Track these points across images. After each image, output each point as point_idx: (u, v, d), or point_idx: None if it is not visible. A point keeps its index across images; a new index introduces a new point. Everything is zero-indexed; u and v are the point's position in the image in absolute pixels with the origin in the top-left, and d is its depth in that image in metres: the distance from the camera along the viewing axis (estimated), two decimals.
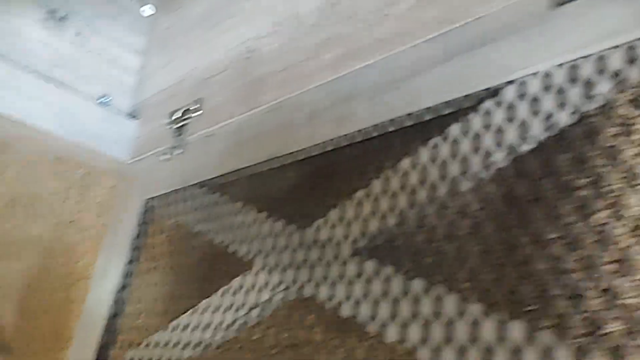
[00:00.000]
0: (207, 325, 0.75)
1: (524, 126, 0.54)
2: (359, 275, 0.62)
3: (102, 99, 1.12)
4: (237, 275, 0.78)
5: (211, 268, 0.84)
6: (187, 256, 0.88)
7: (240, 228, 0.79)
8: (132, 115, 1.14)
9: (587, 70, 0.51)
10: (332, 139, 0.72)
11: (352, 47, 0.76)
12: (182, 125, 1.00)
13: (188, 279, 0.86)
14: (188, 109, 1.00)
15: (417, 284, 0.56)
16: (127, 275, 0.95)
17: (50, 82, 1.03)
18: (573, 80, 0.52)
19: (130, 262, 0.96)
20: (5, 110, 0.94)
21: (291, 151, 0.77)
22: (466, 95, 0.59)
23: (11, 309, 1.71)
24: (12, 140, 1.82)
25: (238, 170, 0.85)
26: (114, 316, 0.92)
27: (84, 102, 1.06)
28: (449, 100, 0.61)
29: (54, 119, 1.01)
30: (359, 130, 0.69)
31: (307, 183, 0.75)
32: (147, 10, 1.24)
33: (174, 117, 1.02)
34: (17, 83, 0.97)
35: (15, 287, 1.72)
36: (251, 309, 0.71)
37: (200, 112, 0.97)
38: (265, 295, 0.70)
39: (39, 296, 1.57)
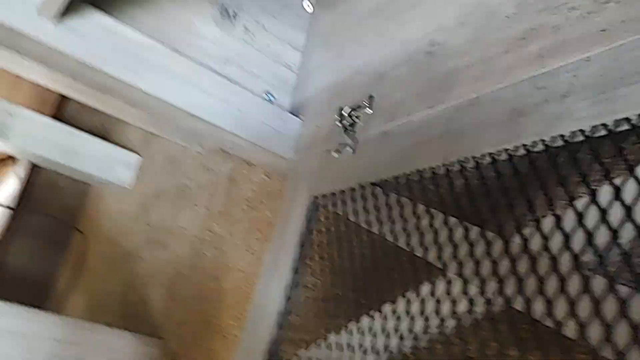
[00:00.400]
0: (393, 331, 0.72)
1: None
2: (585, 292, 0.55)
3: (267, 96, 1.13)
4: (422, 281, 0.74)
5: (388, 272, 0.80)
6: (360, 257, 0.85)
7: (426, 232, 0.75)
8: (294, 112, 1.14)
9: None
10: (542, 140, 0.65)
11: (563, 38, 0.68)
12: (352, 124, 0.97)
13: (362, 282, 0.83)
14: (359, 106, 0.97)
15: None
16: (297, 272, 0.94)
17: (222, 78, 1.05)
18: None
19: (298, 259, 0.95)
20: (186, 106, 0.97)
21: (487, 152, 0.71)
22: None
23: (162, 295, 1.80)
24: (176, 134, 1.93)
25: (420, 170, 0.80)
26: (285, 312, 0.91)
27: (251, 99, 1.07)
28: None
29: (225, 115, 1.02)
30: (578, 131, 0.62)
31: (506, 187, 0.69)
32: (309, 6, 1.24)
33: (342, 115, 0.99)
34: (196, 80, 1.00)
35: (166, 275, 1.81)
36: (447, 318, 0.66)
37: (371, 110, 0.94)
38: (463, 306, 0.65)
39: (189, 285, 1.64)
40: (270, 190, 1.39)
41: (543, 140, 0.66)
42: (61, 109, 2.94)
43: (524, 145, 0.68)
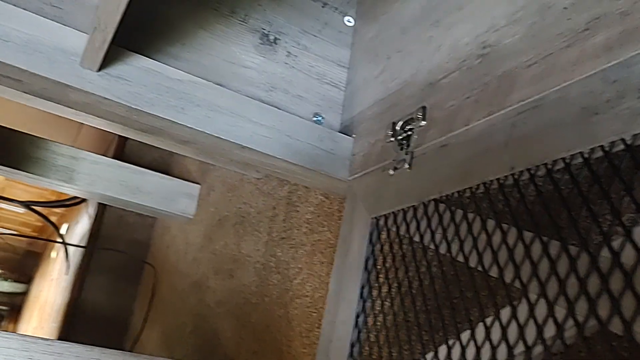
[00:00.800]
0: None
1: None
2: None
3: (315, 118, 1.10)
4: (501, 305, 0.68)
5: (462, 295, 0.75)
6: (430, 280, 0.80)
7: (500, 250, 0.69)
8: (344, 131, 1.11)
9: None
10: (622, 139, 0.59)
11: (632, 25, 0.61)
12: (406, 137, 0.92)
13: (435, 307, 0.78)
14: (411, 119, 0.92)
15: None
16: (364, 299, 0.90)
17: (269, 106, 1.03)
18: None
19: (365, 285, 0.91)
20: (234, 138, 0.95)
21: (559, 157, 0.65)
22: None
23: (232, 325, 1.80)
24: (232, 165, 1.94)
25: (484, 183, 0.75)
26: (357, 342, 0.87)
27: (300, 123, 1.05)
28: None
29: (275, 143, 1.00)
30: None
31: (586, 194, 0.62)
32: (350, 21, 1.21)
33: (395, 129, 0.95)
34: (242, 111, 0.98)
35: (235, 304, 1.81)
36: (533, 344, 0.60)
37: (424, 122, 0.89)
38: (551, 330, 0.59)
39: (258, 313, 1.63)
40: (329, 211, 1.36)
41: (623, 140, 0.59)
42: (122, 148, 3.04)
43: (601, 147, 0.61)
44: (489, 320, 0.67)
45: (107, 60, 0.87)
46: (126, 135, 2.21)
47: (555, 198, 0.66)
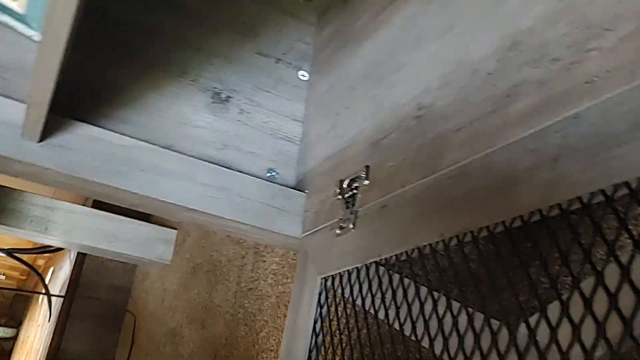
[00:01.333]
0: None
1: None
2: None
3: (269, 173, 1.10)
4: None
5: None
6: (370, 348, 0.79)
7: (431, 319, 0.68)
8: (299, 186, 1.11)
9: None
10: (539, 209, 0.58)
11: (548, 94, 0.62)
12: (352, 196, 0.92)
13: None
14: (356, 178, 0.93)
15: None
16: None
17: (218, 166, 1.03)
18: None
19: (312, 350, 0.90)
20: (181, 201, 0.95)
21: (484, 225, 0.65)
22: None
23: None
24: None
25: (418, 248, 0.74)
26: None
27: (251, 181, 1.04)
28: None
29: (224, 203, 1.00)
30: (576, 198, 0.55)
31: (506, 265, 0.62)
32: (304, 75, 1.22)
33: (342, 187, 0.95)
34: (190, 173, 0.98)
35: (206, 355, 1.78)
36: None
37: (367, 181, 0.89)
38: None
39: None
40: (293, 262, 1.35)
41: (540, 210, 0.59)
42: None
43: (521, 217, 0.61)
44: None
45: (49, 130, 0.87)
46: None
47: (481, 267, 0.65)
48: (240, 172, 1.06)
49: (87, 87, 0.99)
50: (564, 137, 0.59)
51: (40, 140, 0.87)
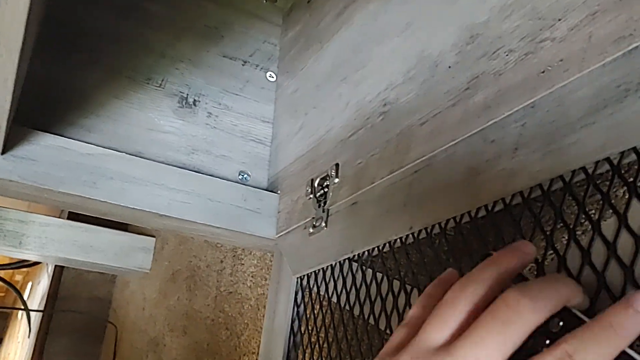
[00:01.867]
0: None
1: None
2: None
3: (241, 176, 1.10)
4: None
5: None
6: (347, 343, 0.79)
7: (404, 312, 0.69)
8: (271, 188, 1.11)
9: None
10: (503, 199, 0.59)
11: (505, 85, 0.63)
12: (323, 194, 0.93)
13: None
14: (326, 176, 0.93)
15: None
16: None
17: (188, 171, 1.02)
18: None
19: (291, 350, 0.90)
20: (151, 208, 0.94)
21: (451, 216, 0.66)
22: None
23: None
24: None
25: (389, 242, 0.75)
26: None
27: (222, 185, 1.04)
28: None
29: (194, 208, 0.99)
30: (535, 187, 0.56)
31: (473, 255, 0.63)
32: (271, 77, 1.22)
33: (314, 186, 0.95)
34: (158, 179, 0.97)
35: None
36: None
37: (337, 179, 0.90)
38: None
39: None
40: (270, 264, 1.34)
41: (503, 199, 0.60)
42: None
43: (485, 206, 0.62)
44: None
45: (11, 142, 0.86)
46: None
47: (450, 258, 0.66)
48: (211, 176, 1.05)
49: (50, 97, 0.97)
50: (522, 127, 0.60)
51: (3, 153, 0.85)
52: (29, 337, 3.42)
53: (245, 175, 1.11)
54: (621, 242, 0.48)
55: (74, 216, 2.62)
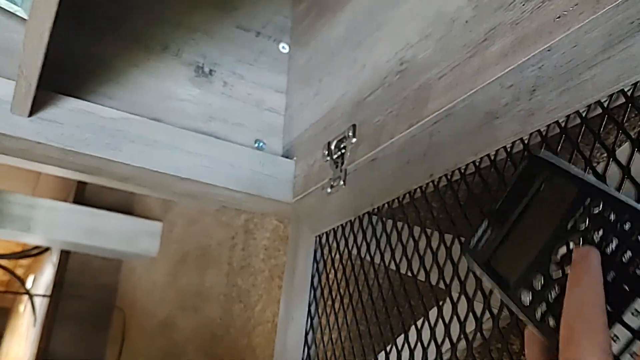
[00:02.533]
0: None
1: None
2: None
3: (257, 144, 1.13)
4: (429, 306, 0.71)
5: (398, 301, 0.77)
6: (369, 291, 0.82)
7: (426, 254, 0.72)
8: (286, 155, 1.13)
9: None
10: (521, 139, 0.62)
11: (522, 33, 0.66)
12: (340, 156, 0.96)
13: (376, 316, 0.80)
14: (343, 138, 0.96)
15: None
16: (312, 316, 0.92)
17: (207, 136, 1.05)
18: None
19: (312, 303, 0.93)
20: (173, 171, 0.97)
21: (470, 161, 0.69)
22: None
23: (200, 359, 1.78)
24: (178, 197, 1.94)
25: (409, 192, 0.78)
26: (307, 358, 0.88)
27: (240, 150, 1.07)
28: None
29: (215, 172, 1.02)
30: (554, 123, 0.59)
31: (495, 196, 0.66)
32: (284, 48, 1.25)
33: (330, 149, 0.98)
34: (179, 143, 1.00)
35: (202, 339, 1.79)
36: (458, 341, 0.63)
37: (354, 139, 0.92)
38: (471, 325, 0.61)
39: (224, 344, 1.62)
40: (284, 235, 1.37)
41: (522, 139, 0.63)
42: (82, 193, 3.01)
43: (504, 148, 0.65)
44: (419, 322, 0.69)
45: (38, 105, 0.88)
46: (84, 180, 2.20)
47: (470, 200, 0.69)
48: (229, 142, 1.08)
49: (71, 64, 1.00)
50: (540, 69, 0.63)
51: (30, 115, 0.88)
52: (34, 326, 3.44)
53: (261, 143, 1.14)
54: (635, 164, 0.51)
55: (79, 201, 2.64)
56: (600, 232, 0.38)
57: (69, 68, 0.99)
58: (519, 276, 0.43)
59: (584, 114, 0.57)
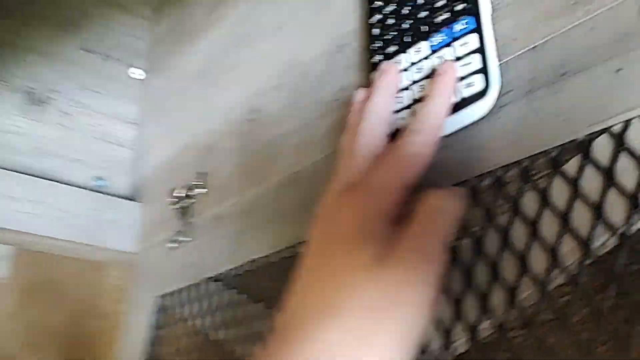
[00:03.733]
0: None
1: None
2: None
3: (98, 183, 1.00)
4: None
5: None
6: None
7: (265, 336, 0.64)
8: (132, 196, 1.01)
9: None
10: None
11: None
12: (187, 206, 0.86)
13: None
14: (191, 186, 0.86)
15: None
16: None
17: (35, 177, 0.91)
18: None
19: None
20: None
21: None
22: None
23: None
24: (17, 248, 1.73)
25: (253, 261, 0.70)
26: None
27: (73, 191, 0.93)
28: None
29: (40, 219, 0.88)
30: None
31: None
32: (137, 73, 1.12)
33: (176, 196, 0.88)
34: (2, 187, 0.85)
35: None
36: None
37: (205, 189, 0.83)
38: None
39: None
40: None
41: None
42: None
43: None
44: None
45: None
46: None
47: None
48: (62, 183, 0.94)
49: None
50: None
51: None
52: None
53: (102, 182, 1.00)
54: None
55: None
56: None
57: None
58: None
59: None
